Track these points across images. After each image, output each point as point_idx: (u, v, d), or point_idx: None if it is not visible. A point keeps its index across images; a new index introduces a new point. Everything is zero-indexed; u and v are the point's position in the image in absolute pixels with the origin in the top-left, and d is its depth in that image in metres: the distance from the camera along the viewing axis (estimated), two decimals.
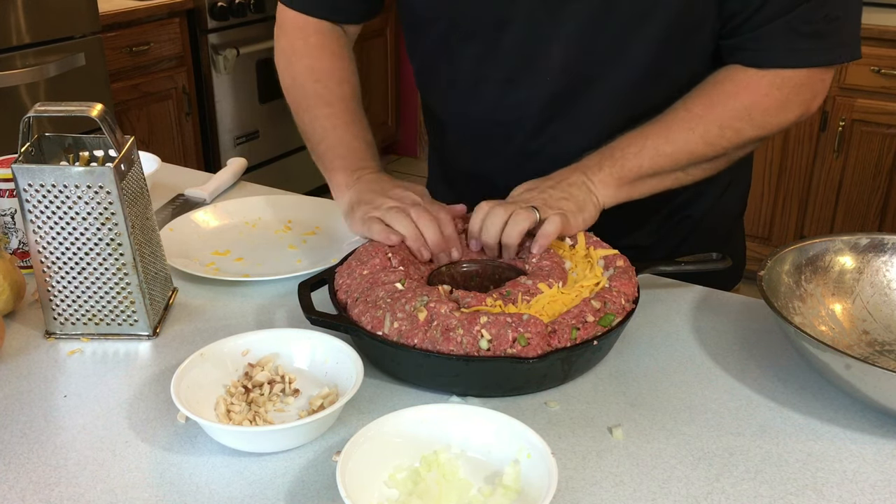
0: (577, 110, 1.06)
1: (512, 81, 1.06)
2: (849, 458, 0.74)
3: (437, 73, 1.15)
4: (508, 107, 1.09)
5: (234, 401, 0.78)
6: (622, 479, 0.71)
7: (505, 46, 1.04)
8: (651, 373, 0.86)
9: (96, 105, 0.85)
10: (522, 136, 1.10)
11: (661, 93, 1.03)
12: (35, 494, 0.70)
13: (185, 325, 0.95)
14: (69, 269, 0.88)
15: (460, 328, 0.79)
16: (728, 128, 1.00)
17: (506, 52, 1.05)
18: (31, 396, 0.82)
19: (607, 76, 1.02)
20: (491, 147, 1.14)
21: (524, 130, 1.09)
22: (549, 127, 1.08)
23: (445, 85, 1.15)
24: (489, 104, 1.10)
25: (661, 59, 1.01)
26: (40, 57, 2.53)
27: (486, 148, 1.15)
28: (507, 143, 1.12)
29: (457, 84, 1.12)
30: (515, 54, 1.04)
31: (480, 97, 1.10)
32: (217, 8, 3.16)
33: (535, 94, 1.06)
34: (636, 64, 1.01)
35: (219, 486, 0.70)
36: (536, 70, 1.04)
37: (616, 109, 1.05)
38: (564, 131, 1.08)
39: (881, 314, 0.92)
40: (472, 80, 1.10)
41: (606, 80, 1.03)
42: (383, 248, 0.92)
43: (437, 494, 0.67)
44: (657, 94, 1.03)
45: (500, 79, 1.07)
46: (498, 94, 1.08)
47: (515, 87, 1.07)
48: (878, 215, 2.82)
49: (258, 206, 1.23)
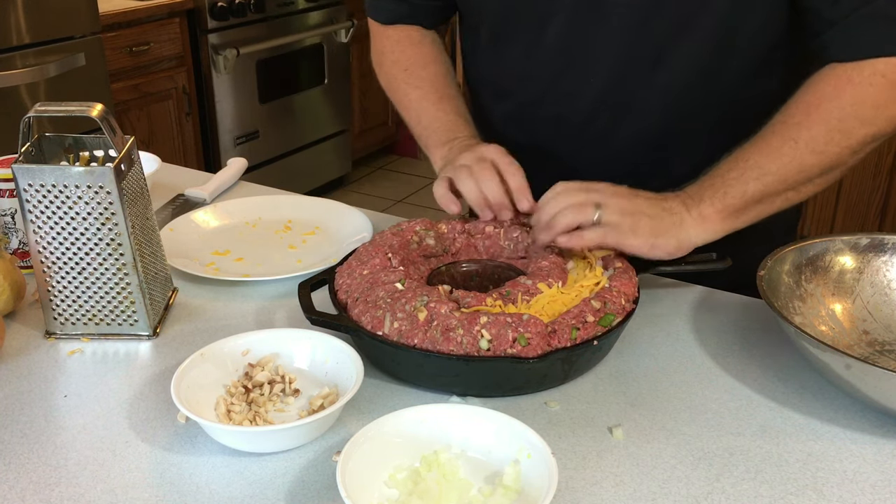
0: (625, 106, 1.04)
1: (561, 74, 1.06)
2: (849, 458, 0.74)
3: (487, 65, 1.16)
4: (559, 99, 1.08)
5: (235, 401, 0.78)
6: (622, 479, 0.71)
7: (550, 40, 1.04)
8: (651, 373, 0.86)
9: (96, 105, 0.85)
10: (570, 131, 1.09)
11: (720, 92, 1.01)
12: (35, 494, 0.70)
13: (185, 325, 0.95)
14: (69, 269, 0.88)
15: (460, 328, 0.79)
16: (836, 130, 0.90)
17: (552, 45, 1.04)
18: (32, 396, 0.82)
19: (654, 74, 1.01)
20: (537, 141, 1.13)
21: (571, 125, 1.09)
22: (596, 123, 1.07)
23: (495, 78, 1.16)
24: (539, 98, 1.10)
25: (712, 58, 0.98)
26: (40, 57, 2.53)
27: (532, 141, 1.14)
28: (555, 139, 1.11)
29: (503, 78, 1.14)
30: (562, 47, 1.04)
31: (528, 91, 1.11)
32: (217, 8, 3.16)
33: (579, 89, 1.05)
34: (686, 60, 0.99)
35: (219, 486, 0.70)
36: (583, 63, 1.04)
37: (664, 111, 1.03)
38: (612, 128, 1.06)
39: (881, 314, 0.92)
40: (520, 74, 1.10)
41: (654, 77, 1.01)
42: (383, 248, 0.92)
43: (437, 494, 0.67)
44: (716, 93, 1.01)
45: (548, 72, 1.07)
46: (547, 87, 1.08)
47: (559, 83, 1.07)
48: (879, 215, 2.82)
49: (258, 206, 1.23)
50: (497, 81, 1.16)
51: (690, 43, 0.98)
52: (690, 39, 0.98)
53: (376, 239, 0.95)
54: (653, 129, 1.05)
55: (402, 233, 0.97)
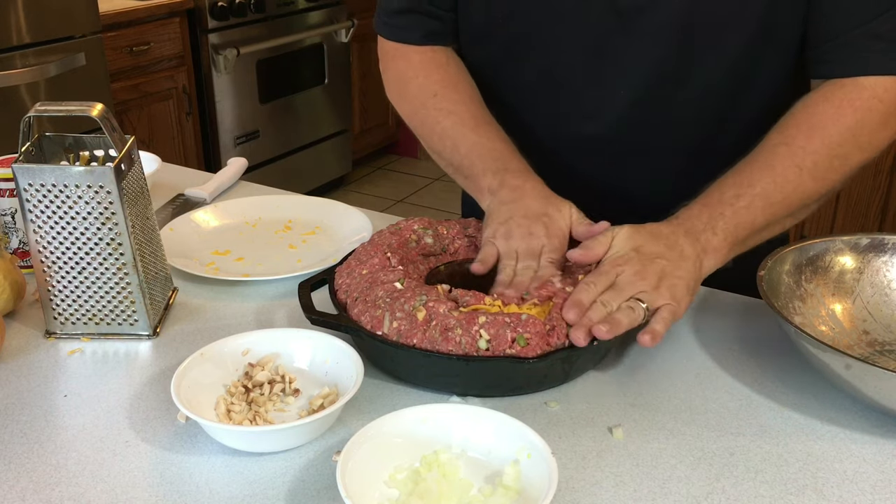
0: (649, 118, 1.02)
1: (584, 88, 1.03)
2: (849, 458, 0.74)
3: (502, 80, 1.10)
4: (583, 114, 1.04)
5: (235, 401, 0.78)
6: (622, 479, 0.71)
7: (573, 52, 1.01)
8: (651, 373, 0.86)
9: (97, 105, 0.85)
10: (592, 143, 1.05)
11: (745, 102, 0.99)
12: (35, 494, 0.70)
13: (185, 325, 0.95)
14: (69, 268, 0.88)
15: (459, 328, 0.79)
16: (836, 157, 0.90)
17: (573, 59, 1.01)
18: (32, 396, 0.82)
19: (681, 84, 0.98)
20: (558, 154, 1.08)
21: (593, 138, 1.05)
22: (618, 135, 1.03)
23: (512, 91, 1.09)
24: (556, 111, 1.06)
25: (740, 68, 0.96)
26: (40, 57, 2.53)
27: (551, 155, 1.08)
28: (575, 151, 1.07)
29: (522, 90, 1.08)
30: (585, 60, 1.00)
31: (547, 103, 1.06)
32: (217, 8, 3.16)
33: (605, 100, 1.02)
34: (712, 72, 0.97)
35: (219, 486, 0.70)
36: (607, 77, 1.00)
37: (690, 119, 1.01)
38: (636, 139, 1.04)
39: (881, 314, 0.92)
40: (537, 88, 1.06)
41: (681, 87, 0.98)
42: (382, 248, 0.92)
43: (437, 494, 0.67)
44: (741, 103, 0.99)
45: (571, 85, 1.03)
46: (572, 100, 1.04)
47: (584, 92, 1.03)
48: (879, 215, 2.82)
49: (258, 206, 1.23)
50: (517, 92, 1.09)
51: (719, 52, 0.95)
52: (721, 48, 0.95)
53: (375, 238, 0.95)
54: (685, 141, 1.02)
55: (400, 232, 0.97)
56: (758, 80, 0.99)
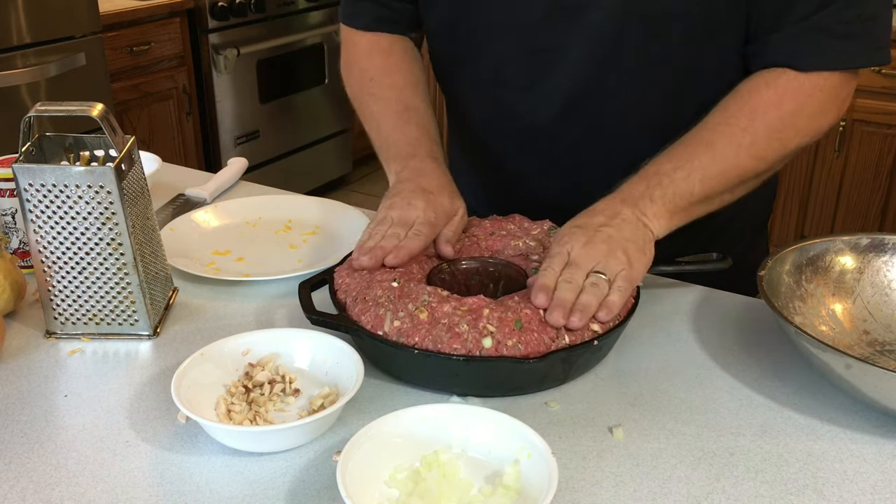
0: (598, 113, 1.03)
1: (532, 84, 1.04)
2: (849, 458, 0.74)
3: (460, 76, 1.13)
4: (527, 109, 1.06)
5: (235, 401, 0.78)
6: (622, 479, 0.71)
7: (522, 50, 1.02)
8: (651, 373, 0.86)
9: (97, 105, 0.85)
10: (545, 137, 1.07)
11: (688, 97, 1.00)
12: (35, 494, 0.70)
13: (185, 325, 0.95)
14: (70, 268, 0.88)
15: (464, 324, 0.79)
16: (775, 139, 0.93)
17: (523, 55, 1.02)
18: (32, 396, 0.82)
19: (626, 80, 1.00)
20: (515, 149, 1.11)
21: (545, 132, 1.07)
22: (570, 130, 1.05)
23: (468, 87, 1.12)
24: (509, 107, 1.08)
25: (682, 62, 0.98)
26: (41, 57, 2.53)
27: (509, 149, 1.12)
28: (530, 146, 1.09)
29: (478, 85, 1.10)
30: (532, 57, 1.02)
31: (500, 100, 1.08)
32: (217, 8, 3.16)
33: (553, 96, 1.03)
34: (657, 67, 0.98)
35: (219, 486, 0.70)
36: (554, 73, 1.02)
37: (638, 115, 1.02)
38: (586, 134, 1.05)
39: (882, 314, 0.92)
40: (492, 82, 1.07)
41: (626, 83, 1.00)
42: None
43: (437, 494, 0.67)
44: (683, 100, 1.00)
45: (519, 82, 1.05)
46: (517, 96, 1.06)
47: (533, 89, 1.04)
48: (879, 215, 2.82)
49: (258, 206, 1.23)
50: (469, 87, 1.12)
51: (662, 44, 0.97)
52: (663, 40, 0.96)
53: None
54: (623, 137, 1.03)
55: None
56: (702, 75, 1.00)
